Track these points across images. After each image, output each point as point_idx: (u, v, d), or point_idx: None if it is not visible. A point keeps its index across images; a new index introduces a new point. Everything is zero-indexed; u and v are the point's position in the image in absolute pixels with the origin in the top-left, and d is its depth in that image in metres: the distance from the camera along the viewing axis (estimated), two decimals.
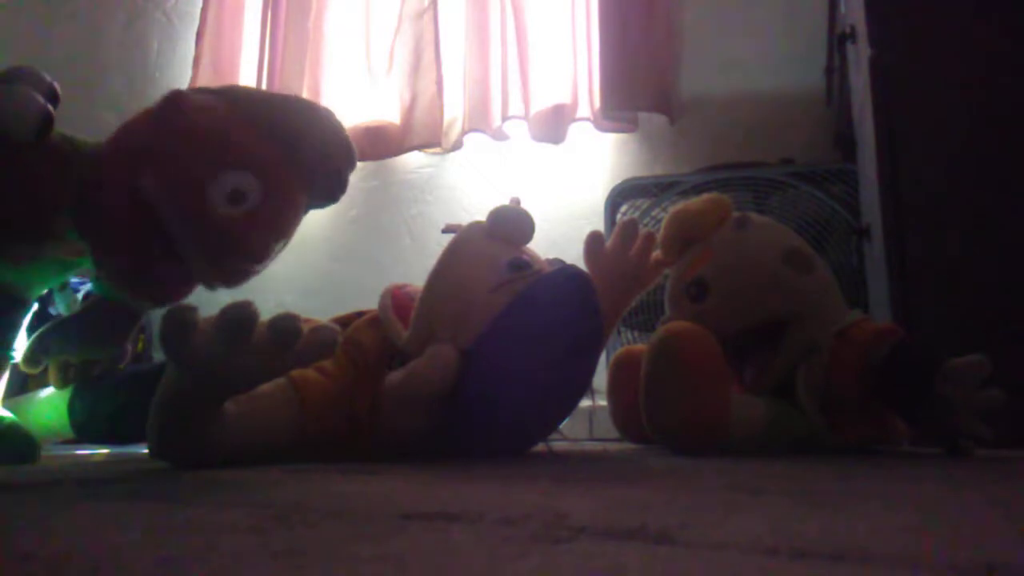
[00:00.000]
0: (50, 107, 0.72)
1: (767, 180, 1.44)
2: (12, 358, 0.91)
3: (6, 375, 0.91)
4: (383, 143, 1.98)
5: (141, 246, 0.76)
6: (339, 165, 0.84)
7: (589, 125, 1.87)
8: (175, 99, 0.77)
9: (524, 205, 0.86)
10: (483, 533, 0.33)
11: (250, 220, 0.75)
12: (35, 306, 0.93)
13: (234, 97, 0.81)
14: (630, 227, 1.01)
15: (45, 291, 0.94)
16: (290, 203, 0.80)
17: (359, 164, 2.21)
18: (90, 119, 1.65)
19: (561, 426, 0.88)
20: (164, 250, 0.76)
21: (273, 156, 0.78)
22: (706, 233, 0.99)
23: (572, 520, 0.36)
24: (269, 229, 0.78)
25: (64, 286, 0.98)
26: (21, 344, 0.92)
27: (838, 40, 1.38)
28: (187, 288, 0.82)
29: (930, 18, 1.04)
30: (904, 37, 1.05)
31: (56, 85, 0.76)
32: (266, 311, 0.59)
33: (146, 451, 0.77)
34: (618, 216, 1.54)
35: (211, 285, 0.80)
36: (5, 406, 0.95)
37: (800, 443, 0.90)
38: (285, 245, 0.83)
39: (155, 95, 0.79)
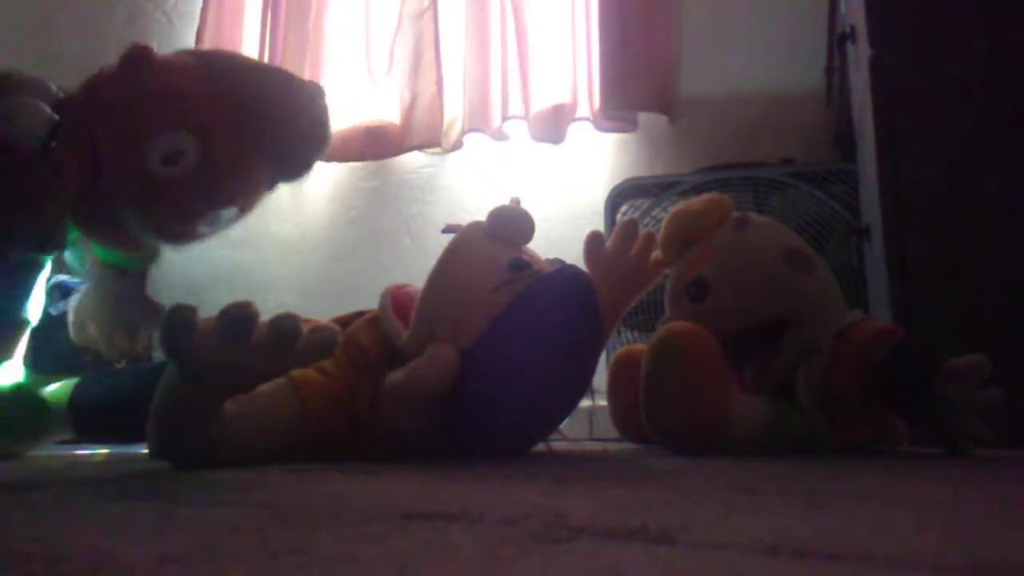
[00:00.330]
0: (56, 117, 0.72)
1: (767, 180, 1.44)
2: (29, 321, 0.91)
3: (25, 336, 0.91)
4: (383, 143, 1.98)
5: (104, 198, 0.76)
6: (307, 144, 0.83)
7: (589, 125, 1.87)
8: (139, 54, 0.76)
9: (524, 205, 0.86)
10: (483, 533, 0.33)
11: (182, 181, 0.75)
12: (48, 267, 0.92)
13: (211, 59, 0.81)
14: (630, 227, 1.01)
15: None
16: (236, 171, 0.79)
17: (359, 164, 2.21)
18: None
19: (561, 426, 0.88)
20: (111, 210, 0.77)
21: (226, 121, 0.77)
22: (706, 233, 0.99)
23: (572, 520, 0.36)
24: (202, 193, 0.77)
25: (74, 243, 0.98)
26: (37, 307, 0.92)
27: (838, 40, 1.38)
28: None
29: (930, 18, 1.04)
30: (904, 37, 1.05)
31: (61, 95, 0.76)
32: (266, 311, 0.59)
33: (146, 451, 0.77)
34: (618, 216, 1.54)
35: (149, 239, 0.81)
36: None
37: (800, 443, 0.90)
38: (239, 215, 0.82)
39: None
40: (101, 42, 2.31)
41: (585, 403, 0.87)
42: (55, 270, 0.95)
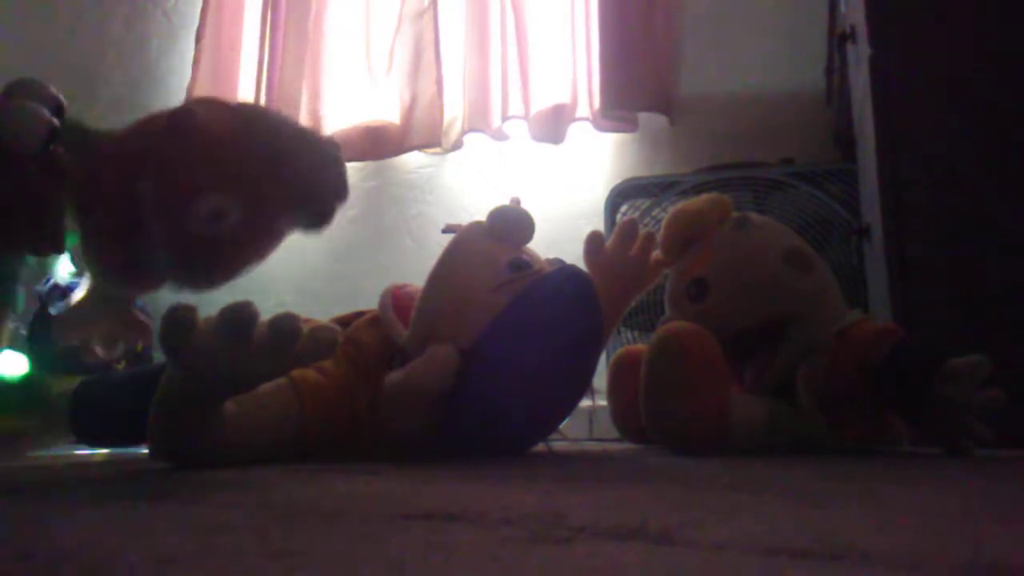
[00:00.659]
0: (55, 121, 0.73)
1: (767, 180, 1.44)
2: (17, 307, 0.92)
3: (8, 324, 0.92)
4: (383, 143, 1.98)
5: (127, 241, 0.77)
6: (333, 201, 0.85)
7: (589, 125, 1.87)
8: (188, 116, 0.78)
9: (524, 205, 0.86)
10: (483, 533, 0.33)
11: (223, 240, 0.77)
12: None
13: (250, 117, 0.82)
14: (630, 227, 1.01)
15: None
16: (272, 230, 0.81)
17: (359, 164, 2.22)
18: (90, 119, 1.64)
19: (561, 426, 0.88)
20: (148, 249, 0.78)
21: (266, 183, 0.79)
22: (706, 233, 0.99)
23: (572, 520, 0.35)
24: (243, 252, 0.79)
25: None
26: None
27: (838, 40, 1.38)
28: (163, 282, 0.83)
29: (930, 18, 1.04)
30: (904, 37, 1.05)
31: (61, 97, 0.77)
32: (266, 311, 0.59)
33: (146, 451, 0.77)
34: (618, 216, 1.54)
35: (191, 288, 0.82)
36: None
37: (800, 443, 0.90)
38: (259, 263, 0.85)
39: (155, 95, 0.80)
40: (101, 42, 2.31)
41: (585, 403, 0.87)
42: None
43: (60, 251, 0.79)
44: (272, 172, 0.79)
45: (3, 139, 0.69)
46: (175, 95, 2.12)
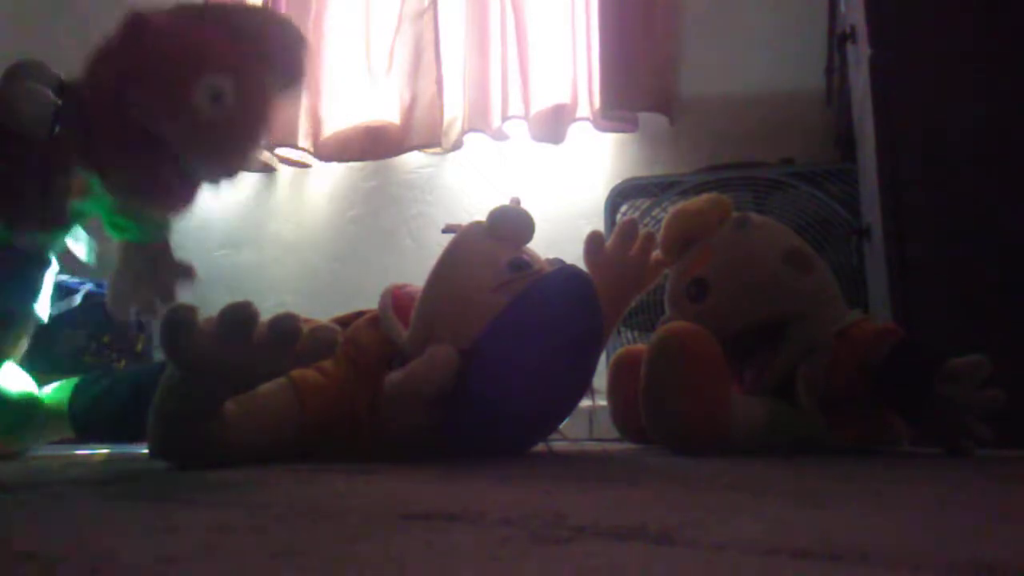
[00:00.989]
0: (59, 101, 0.74)
1: (767, 180, 1.44)
2: (40, 319, 0.93)
3: (29, 334, 0.93)
4: (383, 143, 1.98)
5: (141, 155, 0.80)
6: (298, 51, 0.91)
7: (589, 125, 1.87)
8: (138, 21, 0.82)
9: (524, 205, 0.86)
10: (483, 533, 0.33)
11: (234, 117, 0.81)
12: (56, 266, 0.94)
13: (193, 11, 0.88)
14: (630, 227, 1.01)
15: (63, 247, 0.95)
16: (264, 96, 0.87)
17: (359, 164, 2.21)
18: None
19: (561, 426, 0.88)
20: (163, 154, 0.81)
21: (243, 55, 0.84)
22: (706, 233, 0.99)
23: (572, 520, 0.36)
24: (252, 121, 0.85)
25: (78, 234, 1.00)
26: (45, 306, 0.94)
27: (838, 40, 1.38)
28: (195, 190, 0.86)
29: (930, 18, 1.04)
30: (904, 37, 1.05)
31: (62, 76, 0.77)
32: (266, 311, 0.59)
33: (146, 451, 0.77)
34: (618, 216, 1.54)
35: (215, 180, 0.85)
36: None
37: (800, 443, 0.89)
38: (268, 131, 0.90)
39: None
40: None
41: (585, 403, 0.87)
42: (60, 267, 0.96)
43: (65, 224, 0.80)
44: (247, 48, 0.85)
45: (12, 122, 0.70)
46: None
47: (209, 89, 0.79)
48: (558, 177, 1.90)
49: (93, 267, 1.01)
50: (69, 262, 0.98)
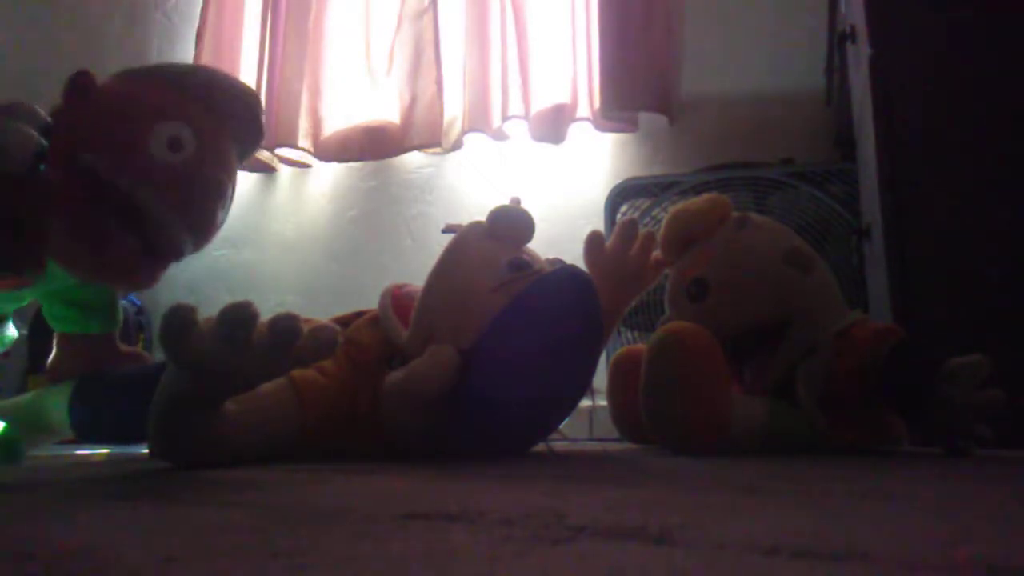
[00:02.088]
0: (43, 142, 0.74)
1: (767, 180, 1.44)
2: (11, 337, 0.93)
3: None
4: (383, 143, 1.98)
5: (102, 218, 0.79)
6: (253, 108, 0.90)
7: (589, 125, 1.87)
8: (81, 79, 0.82)
9: (524, 205, 0.86)
10: (483, 533, 0.33)
11: (195, 161, 0.80)
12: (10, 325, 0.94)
13: (137, 72, 0.87)
14: (630, 227, 1.01)
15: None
16: (222, 148, 0.85)
17: (359, 164, 2.21)
18: None
19: (561, 426, 0.88)
20: (119, 223, 0.80)
21: (194, 107, 0.83)
22: (706, 233, 0.99)
23: (572, 520, 0.35)
24: (214, 168, 0.83)
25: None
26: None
27: (838, 40, 1.38)
28: (147, 264, 0.84)
29: (930, 18, 1.04)
30: (904, 37, 1.05)
31: (50, 120, 0.77)
32: (266, 311, 0.59)
33: (146, 451, 0.77)
34: (618, 216, 1.54)
35: (183, 242, 0.83)
36: (5, 406, 0.95)
37: (800, 443, 0.89)
38: (232, 198, 0.88)
39: None
40: (101, 42, 2.31)
41: (585, 403, 0.87)
42: None
43: (40, 270, 0.80)
44: (200, 103, 0.84)
45: None
46: None
47: (166, 136, 0.78)
48: (558, 177, 1.90)
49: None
50: None
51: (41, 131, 0.74)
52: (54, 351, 0.99)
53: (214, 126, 0.84)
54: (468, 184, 1.98)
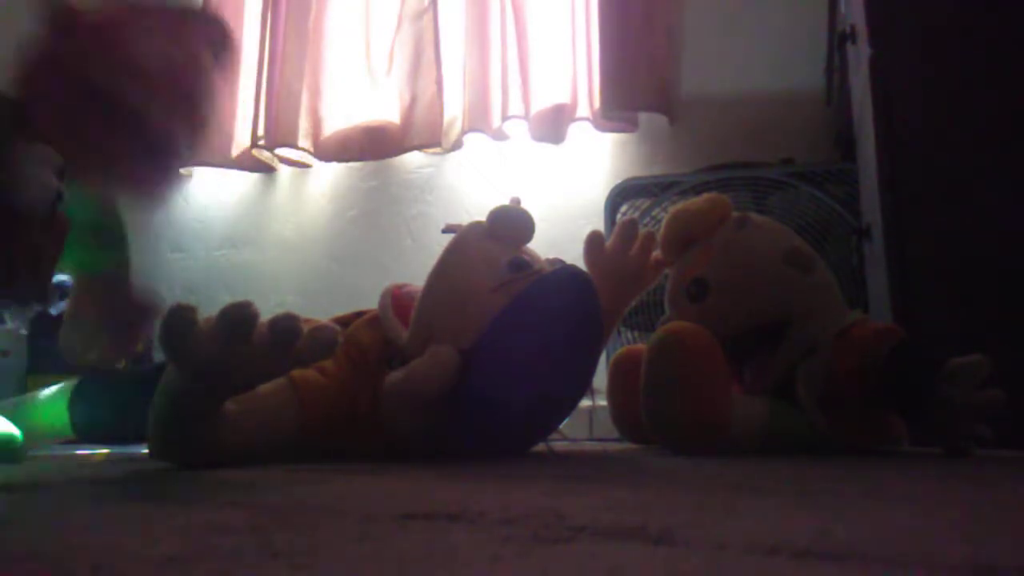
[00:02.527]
0: (61, 187, 0.75)
1: (767, 180, 1.44)
2: None
3: None
4: (383, 143, 1.98)
5: (115, 129, 0.81)
6: (219, 30, 0.92)
7: (589, 125, 1.87)
8: (65, 10, 0.84)
9: (524, 205, 0.86)
10: (483, 533, 0.33)
11: (178, 59, 0.82)
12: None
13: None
14: (630, 227, 1.01)
15: None
16: (199, 51, 0.87)
17: (359, 164, 2.21)
18: None
19: (561, 426, 0.88)
20: (119, 132, 0.81)
21: (171, 18, 0.86)
22: (706, 233, 0.99)
23: (572, 520, 0.36)
24: (196, 63, 0.85)
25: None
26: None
27: (838, 40, 1.38)
28: (155, 169, 0.86)
29: (930, 18, 1.04)
30: (904, 37, 1.05)
31: (64, 163, 0.78)
32: (266, 311, 0.59)
33: (146, 451, 0.77)
34: (618, 216, 1.54)
35: (178, 137, 0.85)
36: (5, 406, 0.95)
37: (800, 443, 0.90)
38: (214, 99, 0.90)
39: None
40: None
41: (585, 403, 0.87)
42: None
43: (45, 304, 0.80)
44: (174, 15, 0.86)
45: (14, 204, 0.71)
46: None
47: (149, 43, 0.81)
48: (558, 177, 1.90)
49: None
50: None
51: (57, 173, 0.75)
52: (71, 296, 0.99)
53: (189, 32, 0.86)
54: (468, 184, 1.98)
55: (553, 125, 1.85)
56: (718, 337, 0.88)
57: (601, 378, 0.98)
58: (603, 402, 1.07)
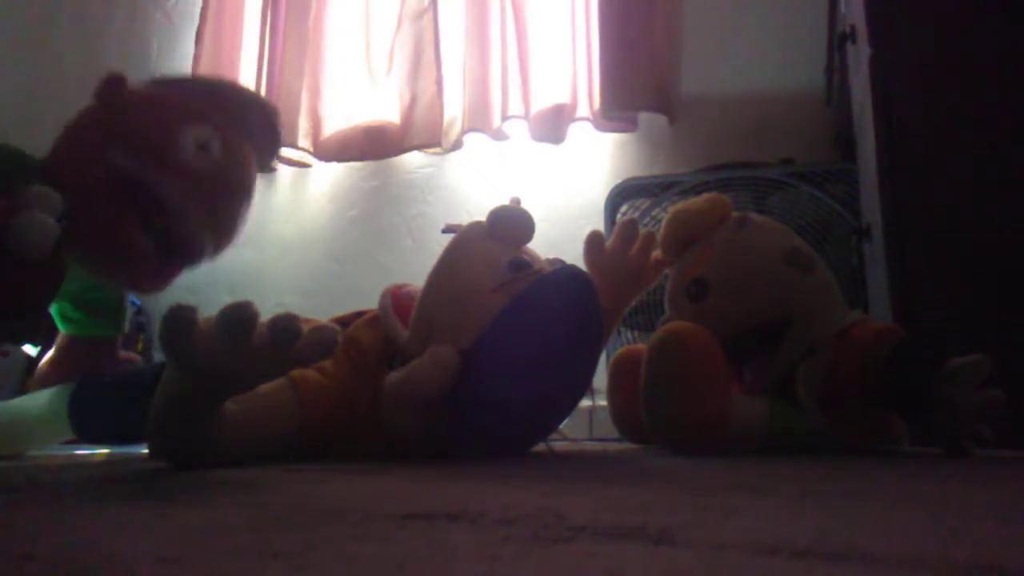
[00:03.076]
0: (59, 231, 0.75)
1: (767, 180, 1.44)
2: None
3: None
4: (383, 143, 1.98)
5: (118, 220, 0.81)
6: (272, 119, 0.95)
7: (589, 125, 1.87)
8: (115, 79, 0.86)
9: (524, 205, 0.86)
10: (483, 533, 0.33)
11: (221, 165, 0.84)
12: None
13: (167, 80, 0.92)
14: (630, 227, 1.01)
15: None
16: (245, 155, 0.89)
17: (359, 164, 2.21)
18: None
19: (561, 426, 0.87)
20: (142, 222, 0.83)
21: (220, 115, 0.88)
22: (706, 233, 0.99)
23: (572, 520, 0.35)
24: (239, 169, 0.87)
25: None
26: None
27: (838, 40, 1.38)
28: (165, 265, 0.87)
29: (930, 18, 1.04)
30: (904, 37, 1.05)
31: (66, 203, 0.79)
32: (266, 311, 0.59)
33: (146, 451, 0.77)
34: (618, 216, 1.54)
35: (203, 243, 0.85)
36: (6, 406, 0.95)
37: (800, 443, 0.89)
38: (250, 206, 0.92)
39: None
40: (102, 42, 2.31)
41: (585, 403, 0.87)
42: None
43: (36, 343, 0.81)
44: (222, 110, 0.88)
45: (14, 249, 0.72)
46: None
47: (195, 139, 0.82)
48: (558, 177, 1.90)
49: None
50: None
51: (58, 217, 0.76)
52: (53, 352, 0.99)
53: (237, 134, 0.88)
54: (468, 184, 1.98)
55: (553, 125, 1.86)
56: (718, 337, 0.88)
57: (601, 378, 0.98)
58: (603, 402, 1.07)
